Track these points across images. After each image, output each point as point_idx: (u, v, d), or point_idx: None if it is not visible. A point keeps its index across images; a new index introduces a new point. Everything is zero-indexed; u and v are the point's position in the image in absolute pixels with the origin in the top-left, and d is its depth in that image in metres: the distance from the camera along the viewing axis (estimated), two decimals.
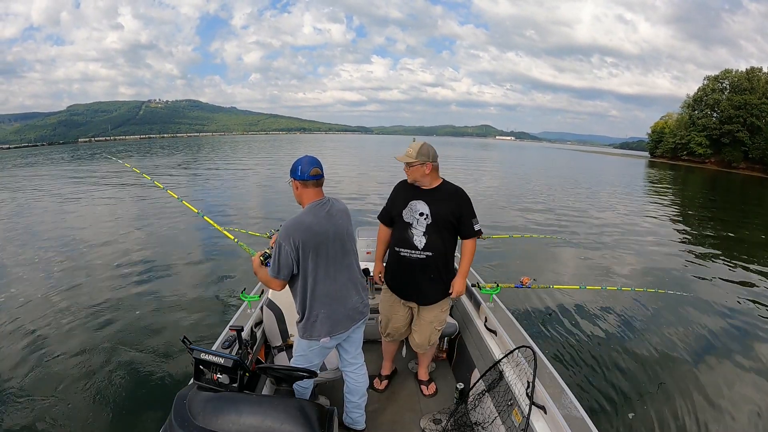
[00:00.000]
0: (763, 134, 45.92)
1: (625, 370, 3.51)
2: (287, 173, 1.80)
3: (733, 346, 4.02)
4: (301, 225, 1.69)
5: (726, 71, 53.09)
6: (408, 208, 2.14)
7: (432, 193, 2.12)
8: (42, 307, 4.59)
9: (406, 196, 2.17)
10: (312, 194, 1.77)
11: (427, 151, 2.06)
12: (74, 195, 13.19)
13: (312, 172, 1.73)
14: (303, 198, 1.78)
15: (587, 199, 14.37)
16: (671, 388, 3.29)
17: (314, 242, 1.69)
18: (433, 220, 2.09)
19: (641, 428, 2.84)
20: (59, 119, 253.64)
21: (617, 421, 2.87)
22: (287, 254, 1.67)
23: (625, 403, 3.06)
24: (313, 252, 1.70)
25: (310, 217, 1.72)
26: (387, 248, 2.32)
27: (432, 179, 2.12)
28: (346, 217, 1.85)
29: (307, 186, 1.75)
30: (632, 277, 6.10)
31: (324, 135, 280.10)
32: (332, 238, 1.75)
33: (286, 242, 1.66)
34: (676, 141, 56.66)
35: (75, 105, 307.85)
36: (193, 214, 2.91)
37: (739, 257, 7.41)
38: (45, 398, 3.00)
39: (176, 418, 1.31)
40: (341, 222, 1.80)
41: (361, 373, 2.04)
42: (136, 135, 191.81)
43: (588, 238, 8.38)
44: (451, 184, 2.17)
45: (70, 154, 38.93)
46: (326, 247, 1.73)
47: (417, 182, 2.13)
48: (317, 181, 1.76)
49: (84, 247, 7.11)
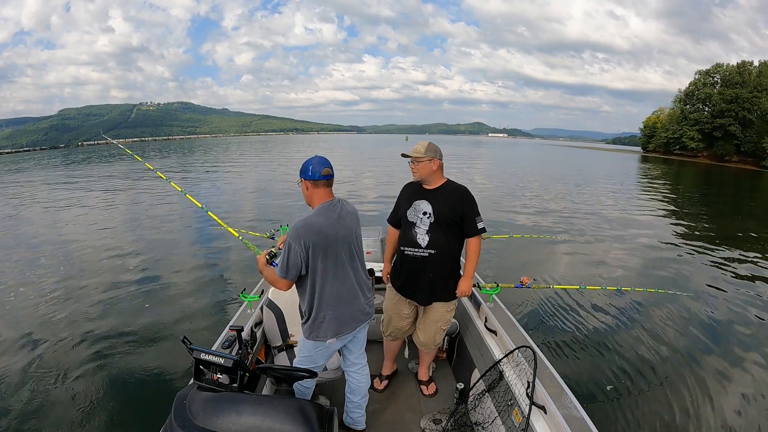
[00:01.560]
0: (755, 127, 46.21)
1: (626, 370, 3.51)
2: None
3: (734, 346, 4.01)
4: (312, 227, 1.68)
5: (717, 65, 53.71)
6: (412, 207, 2.17)
7: (435, 192, 2.15)
8: (42, 307, 4.60)
9: (410, 197, 2.21)
10: (323, 195, 1.76)
11: (435, 149, 2.11)
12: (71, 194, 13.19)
13: (323, 172, 1.73)
14: (313, 198, 1.77)
15: (584, 197, 14.35)
16: (672, 387, 3.29)
17: (324, 244, 1.69)
18: (435, 218, 2.11)
19: (642, 428, 2.84)
20: (51, 124, 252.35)
21: (618, 421, 2.86)
22: (297, 255, 1.66)
23: (625, 403, 3.06)
24: (323, 253, 1.69)
25: (322, 218, 1.71)
26: (395, 250, 2.34)
27: (437, 178, 2.15)
28: (355, 219, 1.85)
29: (318, 186, 1.75)
30: (632, 276, 6.10)
31: (317, 135, 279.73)
32: (342, 240, 1.75)
33: (297, 243, 1.65)
34: (669, 135, 57.19)
35: (67, 109, 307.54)
36: (196, 209, 2.90)
37: (739, 254, 7.41)
38: (45, 398, 3.00)
39: (176, 418, 1.31)
40: (350, 224, 1.80)
41: (363, 374, 2.04)
42: (128, 138, 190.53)
43: (587, 237, 8.38)
44: (455, 183, 2.18)
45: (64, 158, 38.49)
46: (335, 248, 1.73)
47: (422, 180, 2.16)
48: (328, 181, 1.76)
49: (83, 245, 7.11)
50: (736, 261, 7.02)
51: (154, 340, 3.89)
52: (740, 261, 7.04)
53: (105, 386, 3.16)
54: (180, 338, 1.53)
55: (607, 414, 2.93)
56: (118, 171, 20.47)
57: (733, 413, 3.01)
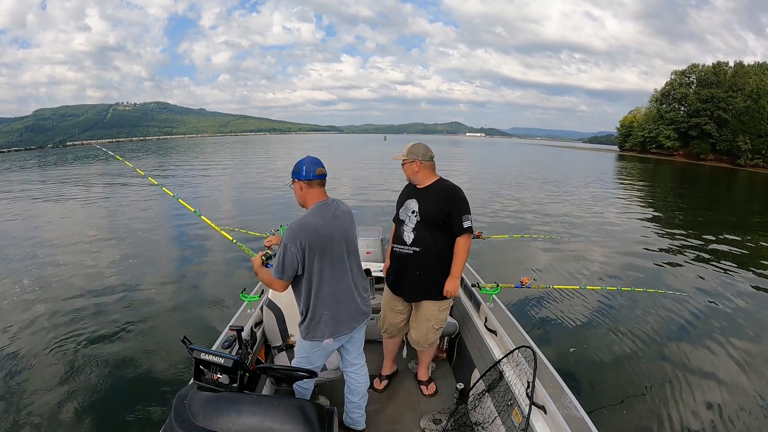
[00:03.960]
0: (730, 126, 47.33)
1: (626, 370, 3.51)
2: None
3: (735, 345, 4.01)
4: (307, 227, 1.69)
5: (693, 66, 54.85)
6: (404, 206, 2.24)
7: (424, 191, 2.20)
8: (42, 307, 4.59)
9: (403, 196, 2.28)
10: (317, 194, 1.76)
11: (416, 150, 2.17)
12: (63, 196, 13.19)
13: (317, 172, 1.73)
14: (307, 199, 1.76)
15: (583, 197, 14.38)
16: (673, 387, 3.29)
17: (320, 244, 1.69)
18: (421, 217, 2.16)
19: (642, 428, 2.84)
20: (26, 124, 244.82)
21: (618, 421, 2.87)
22: (293, 255, 1.66)
23: (626, 403, 3.06)
24: (319, 253, 1.69)
25: (317, 218, 1.71)
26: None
27: (425, 177, 2.20)
28: (350, 218, 1.85)
29: (313, 186, 1.75)
30: (633, 276, 6.10)
31: (294, 135, 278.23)
32: (337, 240, 1.75)
33: (292, 243, 1.65)
34: (645, 135, 58.09)
35: (42, 109, 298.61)
36: (189, 214, 2.87)
37: (737, 254, 7.41)
38: (44, 398, 3.00)
39: (176, 418, 1.31)
40: (345, 224, 1.80)
41: (362, 374, 2.04)
42: (104, 139, 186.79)
43: (587, 237, 8.39)
44: (446, 182, 2.22)
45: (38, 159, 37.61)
46: (332, 248, 1.73)
47: (411, 180, 2.24)
48: (322, 180, 1.76)
49: (78, 248, 7.09)
50: (737, 259, 7.02)
51: (154, 340, 3.89)
52: (741, 260, 7.04)
53: (105, 386, 3.16)
54: (180, 338, 1.53)
55: (607, 414, 2.92)
56: (106, 173, 20.32)
57: (734, 413, 3.01)
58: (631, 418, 2.92)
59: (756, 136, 44.14)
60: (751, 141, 44.37)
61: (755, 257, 7.53)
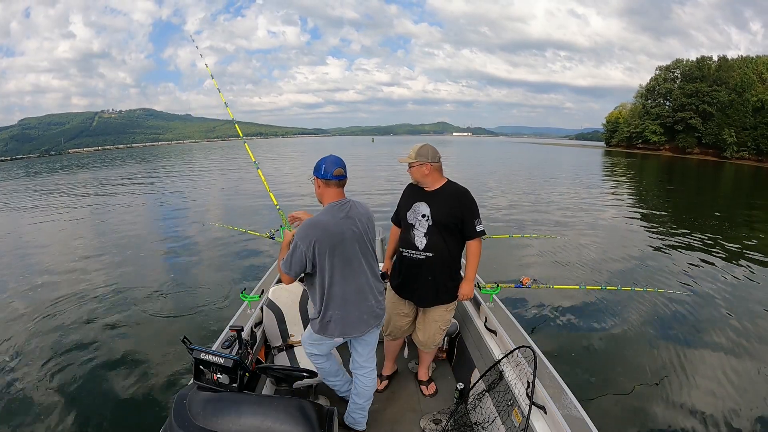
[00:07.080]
0: (716, 120, 47.65)
1: (627, 370, 3.50)
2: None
3: (736, 344, 4.00)
4: (317, 225, 1.71)
5: (677, 61, 55.12)
6: (412, 209, 2.17)
7: (434, 194, 2.14)
8: (42, 306, 4.60)
9: (410, 199, 2.20)
10: (333, 194, 1.78)
11: (426, 152, 2.09)
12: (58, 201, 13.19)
13: (335, 172, 1.74)
14: (324, 197, 1.79)
15: (582, 196, 14.35)
16: (673, 387, 3.28)
17: (330, 243, 1.70)
18: (433, 221, 2.10)
19: (642, 428, 2.83)
20: (11, 134, 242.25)
21: (618, 421, 2.86)
22: (301, 253, 1.68)
23: (626, 403, 3.06)
24: (330, 252, 1.70)
25: (328, 216, 1.73)
26: (396, 249, 2.35)
27: (434, 180, 2.13)
28: (367, 220, 1.85)
29: (329, 185, 1.76)
30: (633, 276, 6.09)
31: (281, 139, 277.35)
32: (349, 240, 1.75)
33: (302, 241, 1.67)
34: (631, 130, 58.53)
35: (27, 118, 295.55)
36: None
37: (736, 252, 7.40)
38: (44, 398, 3.00)
39: (176, 418, 1.31)
40: (361, 225, 1.80)
41: (371, 377, 2.02)
42: (90, 147, 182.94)
43: (587, 237, 8.37)
44: (456, 185, 2.17)
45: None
46: (343, 248, 1.73)
47: (420, 183, 2.16)
48: (339, 181, 1.77)
49: (79, 245, 7.10)
50: (736, 258, 7.01)
51: (154, 340, 3.89)
52: (740, 257, 7.03)
53: (105, 386, 3.16)
54: (180, 338, 1.53)
55: (608, 414, 2.92)
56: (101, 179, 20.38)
57: (735, 413, 3.01)
58: (632, 417, 2.92)
59: (741, 129, 44.58)
60: (737, 134, 44.83)
61: (755, 251, 7.51)
